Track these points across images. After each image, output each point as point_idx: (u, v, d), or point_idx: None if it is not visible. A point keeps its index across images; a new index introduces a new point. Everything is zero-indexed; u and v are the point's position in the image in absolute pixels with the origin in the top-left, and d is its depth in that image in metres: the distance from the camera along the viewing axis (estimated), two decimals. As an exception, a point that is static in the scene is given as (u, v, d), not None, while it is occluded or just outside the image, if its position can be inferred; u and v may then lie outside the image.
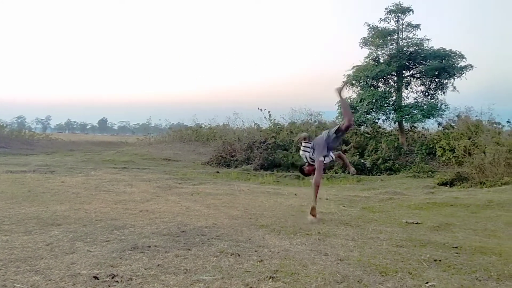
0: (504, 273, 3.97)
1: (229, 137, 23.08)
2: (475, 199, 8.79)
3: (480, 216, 7.34)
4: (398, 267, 4.07)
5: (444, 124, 19.30)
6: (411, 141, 19.94)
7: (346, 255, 4.47)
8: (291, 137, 21.46)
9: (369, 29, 20.04)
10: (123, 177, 12.54)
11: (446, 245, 5.09)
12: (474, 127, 17.03)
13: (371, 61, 19.95)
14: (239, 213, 7.04)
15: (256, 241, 5.04)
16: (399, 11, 19.42)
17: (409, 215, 7.43)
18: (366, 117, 19.20)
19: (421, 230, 6.14)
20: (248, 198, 8.93)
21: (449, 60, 18.59)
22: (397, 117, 19.04)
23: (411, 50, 19.29)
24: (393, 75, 19.93)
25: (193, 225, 5.91)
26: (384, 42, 19.48)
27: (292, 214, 7.15)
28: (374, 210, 7.91)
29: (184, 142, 28.88)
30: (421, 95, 20.05)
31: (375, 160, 17.94)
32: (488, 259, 4.49)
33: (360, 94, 19.50)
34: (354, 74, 19.89)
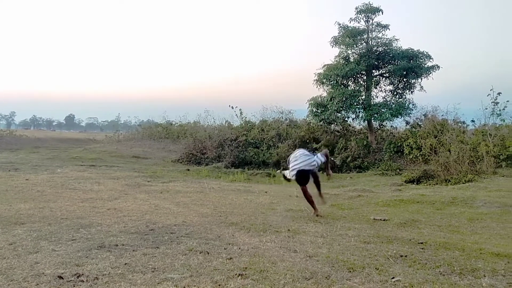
0: (467, 267, 4.09)
1: (200, 134, 22.96)
2: (440, 196, 9.03)
3: (445, 213, 7.55)
4: (365, 263, 4.13)
5: (412, 123, 19.75)
6: (380, 139, 20.32)
7: (315, 251, 4.51)
8: (262, 135, 21.54)
9: (339, 28, 20.27)
10: (91, 174, 12.26)
11: (412, 241, 5.20)
12: (440, 126, 17.49)
13: (342, 60, 20.18)
14: (209, 211, 7.00)
15: (226, 238, 5.02)
16: (369, 11, 19.71)
17: (377, 212, 7.56)
18: (336, 115, 19.43)
19: (388, 226, 6.27)
20: (218, 196, 8.89)
21: (416, 60, 19.01)
22: (367, 116, 19.34)
23: (380, 50, 19.62)
24: (363, 74, 20.24)
25: (162, 223, 5.83)
26: (354, 42, 19.73)
27: (262, 211, 7.17)
28: (343, 207, 8.03)
29: (154, 139, 28.54)
30: (389, 94, 20.43)
31: (344, 158, 18.19)
32: (452, 254, 4.62)
33: (330, 92, 19.69)
34: (324, 72, 20.07)
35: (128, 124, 67.08)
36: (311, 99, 20.54)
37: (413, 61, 19.00)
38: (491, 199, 8.39)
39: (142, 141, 28.50)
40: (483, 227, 6.39)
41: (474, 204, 8.15)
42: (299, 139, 20.22)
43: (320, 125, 20.66)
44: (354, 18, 20.12)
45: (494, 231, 6.10)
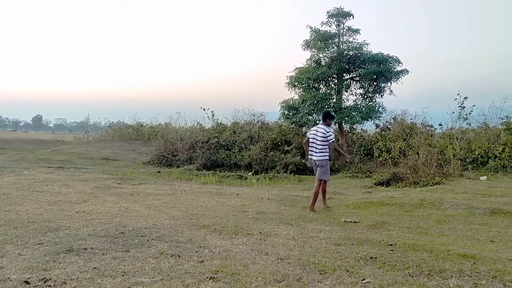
0: (435, 268, 4.17)
1: (171, 136, 22.73)
2: (409, 198, 9.22)
3: (414, 215, 7.71)
4: (336, 265, 4.16)
5: (382, 126, 20.12)
6: (351, 142, 20.62)
7: (286, 254, 4.51)
8: (234, 137, 21.49)
9: (311, 32, 20.46)
10: (59, 177, 11.93)
11: (381, 243, 5.28)
12: (408, 129, 17.88)
13: (313, 63, 20.37)
14: (180, 214, 6.91)
15: (197, 241, 4.96)
16: (340, 15, 19.98)
17: (347, 214, 7.65)
18: (307, 118, 19.59)
19: (359, 228, 6.34)
20: (189, 198, 8.80)
21: (386, 65, 19.38)
22: (337, 119, 19.56)
23: (351, 54, 19.91)
24: (334, 77, 20.49)
25: (132, 226, 5.72)
26: (325, 45, 19.96)
27: (234, 214, 7.13)
28: (315, 209, 8.07)
29: (124, 141, 28.06)
30: (360, 98, 20.76)
31: (316, 161, 18.30)
32: (420, 255, 4.71)
33: (302, 95, 19.85)
34: (296, 75, 20.22)
35: (97, 125, 65.59)
36: (283, 101, 20.66)
37: (383, 65, 19.36)
38: (457, 201, 8.63)
39: (112, 142, 27.97)
40: (450, 228, 6.56)
41: (441, 206, 8.35)
42: (271, 142, 20.29)
43: (292, 127, 20.79)
44: (325, 22, 20.36)
45: (460, 233, 6.26)
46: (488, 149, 15.05)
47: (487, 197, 9.50)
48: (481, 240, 5.79)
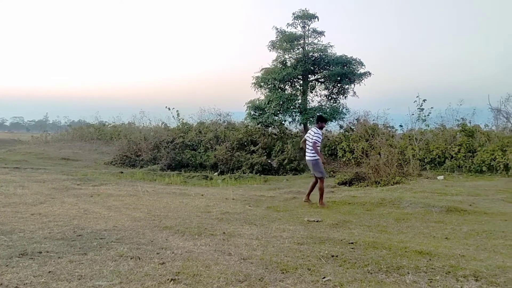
0: (393, 265, 4.28)
1: (135, 136, 22.33)
2: (370, 198, 9.43)
3: (374, 214, 7.89)
4: (298, 264, 4.20)
5: (345, 127, 20.48)
6: (315, 142, 20.85)
7: (249, 254, 4.51)
8: (200, 137, 21.34)
9: (277, 33, 20.59)
10: (14, 177, 11.47)
11: (343, 241, 5.37)
12: (371, 130, 18.29)
13: (279, 64, 20.51)
14: (142, 215, 6.79)
15: (159, 243, 4.89)
16: (305, 17, 20.21)
17: (311, 213, 7.74)
18: (273, 118, 19.70)
19: (321, 227, 6.43)
20: (152, 199, 8.66)
21: (350, 67, 19.77)
22: (303, 119, 19.80)
23: (316, 56, 20.17)
24: (299, 78, 20.70)
25: (91, 229, 5.57)
26: (291, 47, 20.14)
27: (198, 215, 7.06)
28: (279, 209, 8.13)
29: (85, 140, 27.35)
30: (324, 99, 21.08)
31: (281, 161, 18.48)
32: (380, 253, 4.82)
33: (268, 96, 19.95)
34: (262, 76, 20.30)
35: (57, 125, 63.63)
36: (249, 102, 20.69)
37: (347, 67, 19.73)
38: (416, 200, 8.89)
39: (73, 142, 27.20)
40: (408, 226, 6.75)
41: (401, 205, 8.58)
42: (237, 142, 20.28)
43: (258, 128, 20.84)
44: (291, 24, 20.55)
45: (418, 230, 6.45)
46: (445, 149, 15.62)
47: (443, 196, 9.85)
48: (436, 237, 5.99)
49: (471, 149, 15.36)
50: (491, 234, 6.10)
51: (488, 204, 8.92)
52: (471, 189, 10.93)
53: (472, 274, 4.05)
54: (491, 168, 14.53)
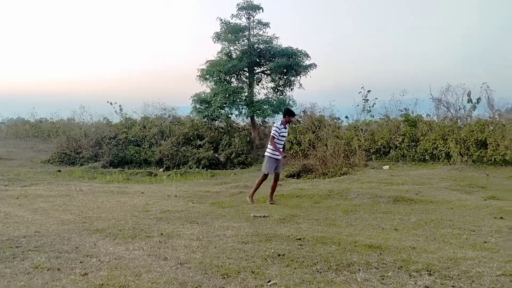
0: (343, 262, 4.00)
1: (75, 132, 21.06)
2: (318, 190, 9.24)
3: (322, 206, 7.67)
4: (241, 267, 3.80)
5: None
6: (263, 135, 20.62)
7: (187, 257, 4.06)
8: (144, 132, 20.50)
9: (221, 24, 20.05)
10: None
11: (290, 238, 5.05)
12: (317, 122, 18.28)
13: (224, 56, 20.00)
14: (72, 217, 6.12)
15: (85, 249, 4.32)
16: (250, 8, 19.82)
17: (257, 208, 7.39)
18: (220, 112, 19.19)
19: (268, 223, 6.09)
20: (86, 199, 7.95)
21: (295, 59, 19.62)
22: (249, 112, 19.46)
23: (261, 47, 19.85)
24: (245, 71, 20.32)
25: (8, 235, 4.89)
26: (236, 38, 19.69)
27: (135, 214, 6.48)
28: (224, 205, 7.71)
29: (20, 138, 25.52)
30: (271, 91, 20.82)
31: (228, 155, 18.09)
32: (328, 249, 4.54)
33: (213, 89, 19.42)
34: (207, 68, 19.72)
35: (-12, 122, 59.61)
36: (195, 95, 20.06)
37: (292, 59, 19.57)
38: (363, 191, 8.80)
39: (6, 140, 25.27)
40: (357, 218, 6.57)
41: (348, 196, 8.44)
42: (183, 136, 19.65)
43: (204, 121, 20.27)
44: (235, 15, 20.08)
45: (367, 222, 6.28)
46: (390, 139, 15.86)
47: (390, 186, 9.87)
48: (386, 229, 5.83)
49: (414, 139, 15.68)
50: (439, 224, 6.02)
51: (433, 192, 9.00)
52: (416, 178, 11.06)
53: (424, 268, 3.84)
54: (433, 157, 14.90)
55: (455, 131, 15.07)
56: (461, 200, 8.15)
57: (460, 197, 8.54)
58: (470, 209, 7.25)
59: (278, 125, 8.12)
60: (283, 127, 8.13)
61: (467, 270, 3.81)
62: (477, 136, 14.46)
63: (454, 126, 15.70)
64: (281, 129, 8.10)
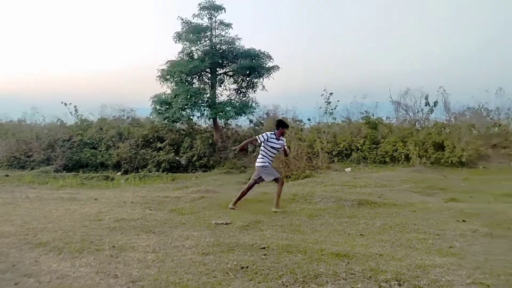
0: (310, 274, 3.78)
1: (25, 134, 19.99)
2: (282, 193, 9.02)
3: (287, 211, 7.46)
4: (200, 283, 3.50)
5: (255, 122, 20.14)
6: (225, 137, 20.28)
7: (141, 274, 3.71)
8: (101, 134, 19.72)
9: (182, 23, 19.55)
10: None
11: (254, 247, 4.78)
12: (280, 124, 18.13)
13: (185, 56, 19.51)
14: (13, 229, 5.58)
15: (24, 267, 3.88)
16: (212, 8, 19.43)
17: (219, 214, 7.08)
18: (181, 113, 18.65)
19: (230, 231, 5.80)
20: (32, 208, 7.36)
21: (258, 60, 19.40)
22: (212, 114, 19.08)
23: (224, 48, 19.50)
24: (208, 72, 19.90)
25: None
26: (197, 38, 19.24)
27: (85, 224, 6.00)
28: (184, 211, 7.34)
29: (-35, 141, 23.95)
30: (234, 93, 20.49)
31: (190, 157, 17.65)
32: (294, 258, 4.31)
33: (174, 90, 18.90)
34: (168, 69, 19.18)
35: None
36: (154, 96, 19.44)
37: (255, 60, 19.35)
38: (327, 194, 8.67)
39: (-51, 143, 23.68)
40: (322, 223, 6.39)
41: (313, 200, 8.29)
42: (142, 138, 19.02)
43: (165, 123, 19.69)
44: (197, 14, 19.64)
45: (332, 227, 6.11)
46: (352, 142, 15.97)
47: (353, 188, 9.81)
48: (351, 234, 5.68)
49: (375, 141, 15.85)
50: (404, 228, 5.94)
51: (396, 195, 9.00)
52: (378, 180, 11.08)
53: (394, 278, 3.68)
54: (393, 159, 15.10)
55: (414, 134, 15.36)
56: (423, 202, 8.17)
57: (422, 200, 8.58)
58: (433, 211, 7.25)
59: (269, 134, 7.81)
60: (274, 138, 7.77)
61: (436, 279, 3.68)
62: (435, 138, 14.79)
63: (413, 128, 16.02)
64: (270, 138, 7.76)
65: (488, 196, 9.23)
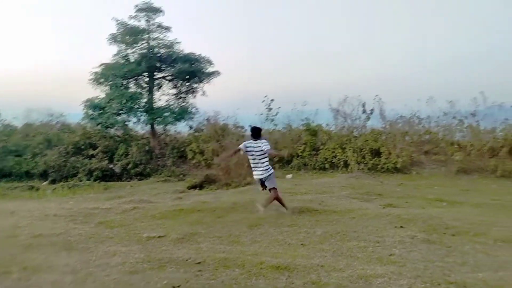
0: (247, 292, 3.44)
1: None
2: (221, 202, 8.66)
3: (226, 221, 7.09)
4: (123, 309, 3.04)
5: (195, 128, 19.66)
6: (164, 144, 19.61)
7: (52, 301, 3.19)
8: (27, 141, 18.33)
9: (118, 25, 18.73)
10: None
11: (188, 262, 4.38)
12: (221, 130, 17.87)
13: (121, 59, 18.69)
14: None
15: None
16: (149, 10, 18.79)
17: (152, 226, 6.57)
18: (115, 119, 17.79)
19: (164, 244, 5.34)
20: None
21: (198, 65, 19.01)
22: (149, 120, 18.39)
23: (162, 52, 18.93)
24: (145, 76, 19.20)
25: None
26: (134, 41, 18.50)
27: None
28: (113, 224, 6.73)
29: None
30: (173, 98, 19.93)
31: (125, 165, 16.83)
32: (232, 273, 3.98)
33: (108, 94, 18.00)
34: (102, 72, 18.26)
35: None
36: (87, 100, 18.39)
37: (195, 65, 18.95)
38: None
39: None
40: (262, 233, 6.09)
41: (253, 208, 7.99)
42: (73, 145, 17.89)
43: (98, 129, 18.68)
44: (133, 16, 18.92)
45: (272, 237, 5.83)
46: (292, 148, 15.95)
47: (294, 196, 9.65)
48: (292, 244, 5.43)
49: (315, 148, 15.95)
50: (344, 236, 5.78)
51: (336, 201, 8.93)
52: (318, 186, 11.03)
53: (337, 292, 3.44)
54: (333, 165, 15.25)
55: (352, 141, 15.63)
56: (362, 209, 8.13)
57: (360, 206, 8.55)
58: (371, 218, 7.19)
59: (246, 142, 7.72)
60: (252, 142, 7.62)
61: (380, 291, 3.49)
62: (372, 145, 15.13)
63: (351, 135, 16.30)
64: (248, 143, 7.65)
65: (422, 201, 9.44)
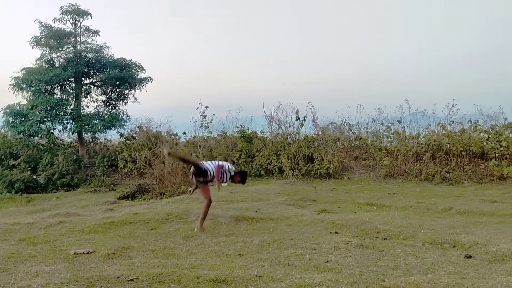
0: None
1: None
2: (155, 213, 8.35)
3: (160, 232, 6.84)
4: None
5: (126, 135, 19.00)
6: (93, 153, 18.74)
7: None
8: None
9: (41, 27, 17.69)
10: None
11: (120, 280, 4.12)
12: (154, 138, 17.42)
13: (45, 63, 17.64)
14: None
15: None
16: (76, 13, 17.94)
17: (80, 242, 6.16)
18: (39, 126, 16.72)
19: (93, 261, 5.01)
20: None
21: (129, 71, 18.43)
22: (76, 127, 17.50)
23: (90, 56, 18.12)
24: (71, 81, 18.27)
25: None
26: (59, 44, 17.55)
27: None
28: (36, 241, 6.22)
29: None
30: (102, 105, 19.15)
31: (50, 176, 15.84)
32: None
33: (31, 100, 16.89)
34: (23, 77, 17.10)
35: None
36: (7, 107, 17.13)
37: (126, 71, 18.35)
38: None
39: None
40: (198, 244, 5.94)
41: (188, 218, 7.79)
42: (-9, 155, 16.57)
43: (20, 138, 17.45)
44: (59, 19, 17.97)
45: (209, 248, 5.70)
46: (228, 155, 15.92)
47: (230, 204, 9.59)
48: (229, 255, 5.33)
49: (250, 154, 16.03)
50: (281, 244, 5.78)
51: (272, 208, 8.97)
52: (254, 194, 11.06)
53: (276, 304, 3.39)
54: (268, 172, 15.39)
55: (286, 147, 15.88)
56: (298, 215, 8.22)
57: (296, 212, 8.65)
58: (307, 224, 7.30)
59: None
60: None
61: (317, 300, 3.49)
62: (305, 151, 15.47)
63: (285, 142, 16.58)
64: None
65: (354, 205, 9.78)
